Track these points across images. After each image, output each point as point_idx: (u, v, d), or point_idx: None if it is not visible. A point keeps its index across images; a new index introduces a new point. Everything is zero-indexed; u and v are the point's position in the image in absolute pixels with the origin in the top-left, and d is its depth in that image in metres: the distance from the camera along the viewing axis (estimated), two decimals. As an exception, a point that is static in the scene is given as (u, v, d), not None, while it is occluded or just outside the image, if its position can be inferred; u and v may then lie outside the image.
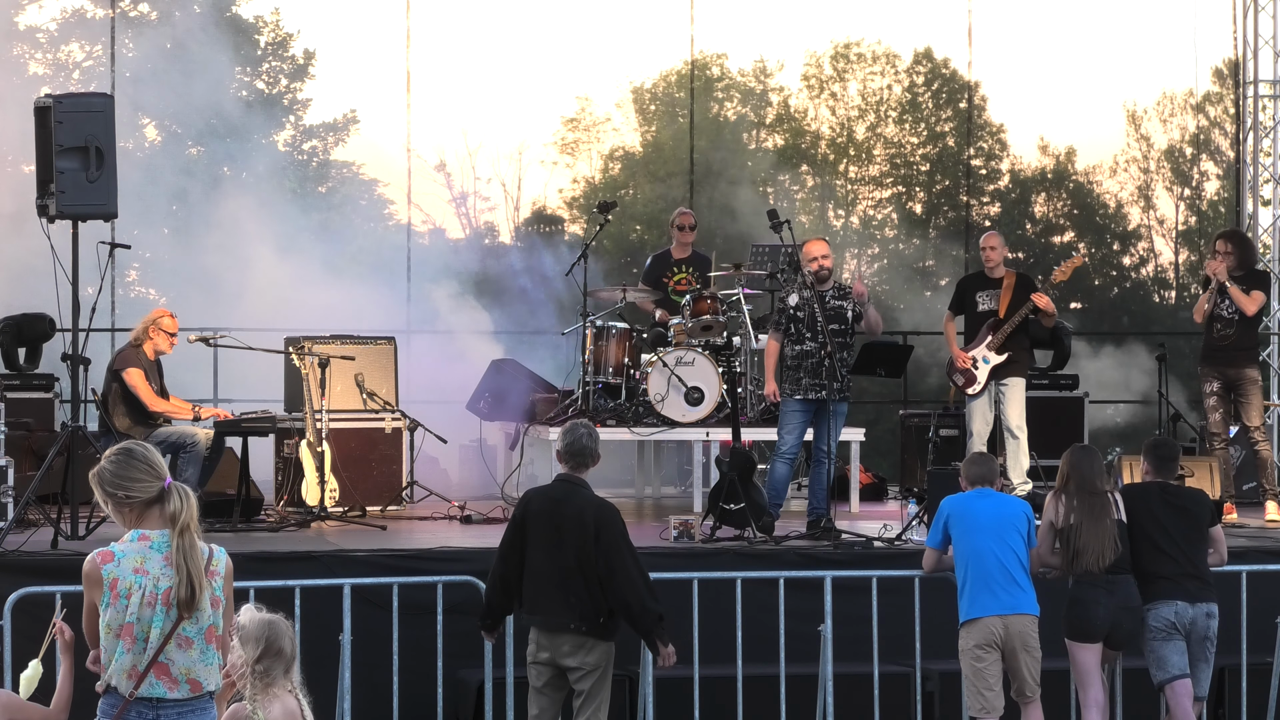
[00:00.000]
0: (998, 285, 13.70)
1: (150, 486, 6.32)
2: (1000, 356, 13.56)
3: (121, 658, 6.27)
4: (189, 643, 6.31)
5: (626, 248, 32.40)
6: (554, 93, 32.53)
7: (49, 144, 11.48)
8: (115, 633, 6.27)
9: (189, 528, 6.31)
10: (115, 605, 6.27)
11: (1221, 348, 13.90)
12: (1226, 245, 13.97)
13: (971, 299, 13.79)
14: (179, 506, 6.32)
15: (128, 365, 12.91)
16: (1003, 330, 13.52)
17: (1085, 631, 10.07)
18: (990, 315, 13.62)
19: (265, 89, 30.48)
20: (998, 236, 13.98)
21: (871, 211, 35.97)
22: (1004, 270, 13.77)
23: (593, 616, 9.11)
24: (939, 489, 11.63)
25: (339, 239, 22.02)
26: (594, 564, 9.08)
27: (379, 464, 14.42)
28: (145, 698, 6.28)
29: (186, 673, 6.32)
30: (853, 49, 36.26)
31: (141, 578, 6.27)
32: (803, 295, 12.71)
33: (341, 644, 10.04)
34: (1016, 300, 13.57)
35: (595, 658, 9.16)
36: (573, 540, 9.11)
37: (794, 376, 12.72)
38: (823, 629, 10.58)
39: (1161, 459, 10.40)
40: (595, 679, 9.17)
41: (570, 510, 9.18)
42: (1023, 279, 13.74)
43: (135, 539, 6.32)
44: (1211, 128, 36.80)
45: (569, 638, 9.14)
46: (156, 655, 6.27)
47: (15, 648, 9.65)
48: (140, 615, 6.27)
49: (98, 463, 6.47)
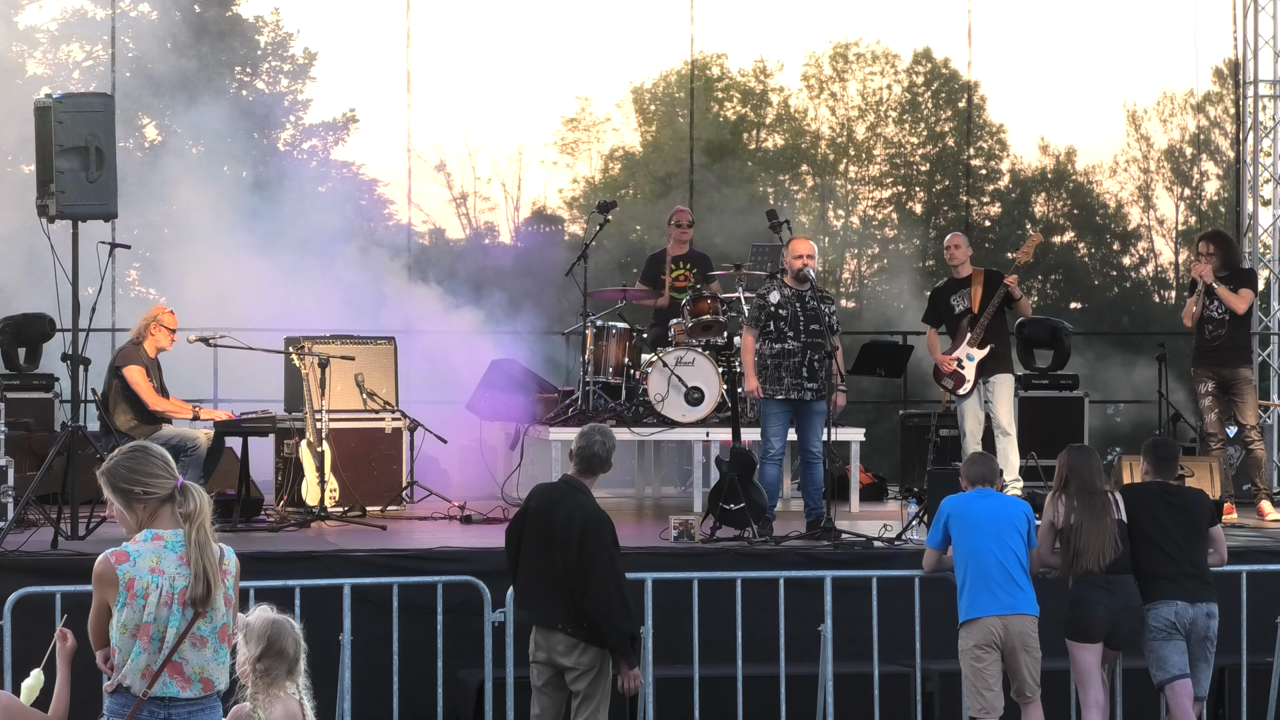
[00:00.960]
0: (967, 284, 13.74)
1: (166, 484, 6.33)
2: (983, 350, 13.58)
3: (137, 658, 6.26)
4: (203, 642, 6.31)
5: (626, 248, 32.40)
6: (554, 93, 32.58)
7: (49, 144, 11.48)
8: (131, 633, 6.26)
9: (204, 526, 6.32)
10: (132, 605, 6.26)
11: (1214, 349, 13.92)
12: (1209, 246, 14.06)
13: (946, 305, 13.82)
14: (195, 506, 6.32)
15: (129, 362, 12.91)
16: (980, 324, 13.55)
17: (1085, 631, 10.07)
18: (966, 314, 13.66)
19: (265, 89, 30.48)
20: (961, 236, 14.05)
21: (871, 211, 35.99)
22: (970, 268, 13.81)
23: (579, 620, 9.09)
24: (939, 489, 11.63)
25: (339, 239, 21.97)
26: (578, 572, 9.05)
27: (379, 464, 14.41)
28: (158, 697, 6.28)
29: (200, 671, 6.32)
30: (852, 49, 36.28)
31: (158, 577, 6.27)
32: (784, 292, 12.67)
33: (341, 644, 10.03)
34: (987, 294, 13.60)
35: (590, 658, 9.14)
36: (560, 545, 9.08)
37: (775, 376, 12.69)
38: (823, 629, 10.58)
39: (1161, 459, 10.40)
40: (591, 679, 9.15)
41: (561, 514, 9.14)
42: (990, 273, 13.77)
43: (149, 539, 6.31)
44: (1211, 128, 36.82)
45: (561, 637, 9.14)
46: (171, 654, 6.27)
47: (15, 648, 9.64)
48: (157, 615, 6.26)
49: (99, 462, 6.47)
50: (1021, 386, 16.35)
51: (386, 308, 18.50)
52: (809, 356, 12.57)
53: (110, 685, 6.32)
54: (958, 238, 13.99)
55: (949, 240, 13.98)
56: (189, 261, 18.75)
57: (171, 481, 6.33)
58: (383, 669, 10.37)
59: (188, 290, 17.84)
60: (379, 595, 10.48)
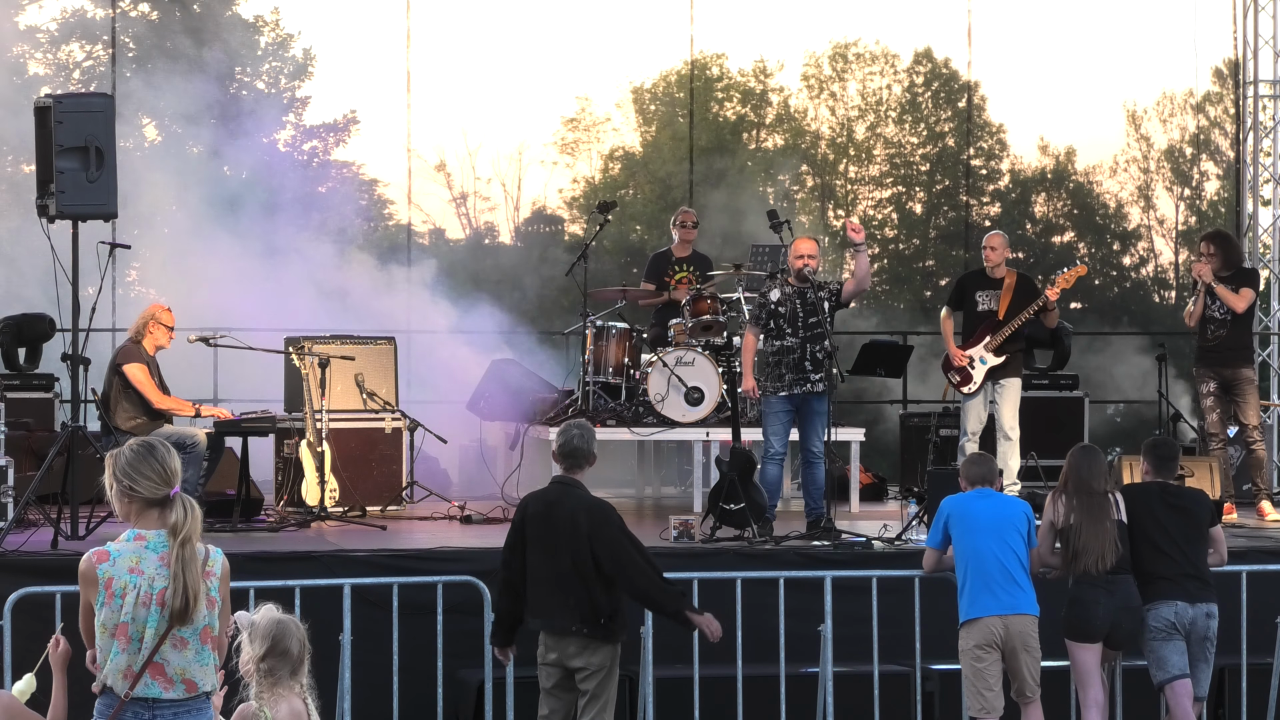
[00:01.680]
0: (998, 285, 13.63)
1: (155, 489, 6.31)
2: (998, 359, 13.52)
3: (117, 658, 6.27)
4: (184, 643, 6.30)
5: (626, 248, 32.41)
6: (554, 93, 32.58)
7: (49, 144, 11.49)
8: (110, 632, 6.27)
9: (190, 540, 6.29)
10: (110, 605, 6.26)
11: (1215, 349, 13.92)
12: (1209, 247, 14.07)
13: (971, 297, 13.72)
14: (181, 519, 6.29)
15: (130, 360, 12.90)
16: (1002, 332, 13.47)
17: (1085, 631, 10.07)
18: (989, 316, 13.56)
19: (265, 89, 30.48)
20: (1000, 237, 13.89)
21: (871, 211, 35.98)
22: (1005, 270, 13.71)
23: (593, 619, 9.11)
24: (939, 489, 11.62)
25: (339, 239, 22.02)
26: (590, 565, 9.06)
27: (379, 464, 14.41)
28: (141, 698, 6.28)
29: (182, 673, 6.31)
30: (852, 49, 36.28)
31: (136, 577, 6.26)
32: (784, 290, 12.66)
33: (341, 644, 10.03)
34: (1016, 302, 13.50)
35: (600, 658, 9.16)
36: (567, 543, 9.10)
37: (775, 373, 12.67)
38: (823, 629, 10.58)
39: (1161, 459, 10.40)
40: (600, 679, 9.17)
41: (562, 513, 9.16)
42: (1024, 280, 13.67)
43: (131, 539, 6.32)
44: (1211, 128, 36.82)
45: (574, 640, 9.14)
46: (151, 655, 6.26)
47: (15, 648, 9.64)
48: (135, 615, 6.26)
49: (99, 462, 6.47)
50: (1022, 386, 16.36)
51: (387, 308, 18.52)
52: (809, 350, 12.54)
53: (96, 685, 6.33)
54: (997, 238, 13.84)
55: (988, 240, 13.78)
56: (189, 261, 18.76)
57: (163, 489, 6.30)
58: (383, 669, 10.37)
59: (188, 290, 17.84)
60: (379, 595, 10.48)
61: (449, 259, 26.42)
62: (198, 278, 18.19)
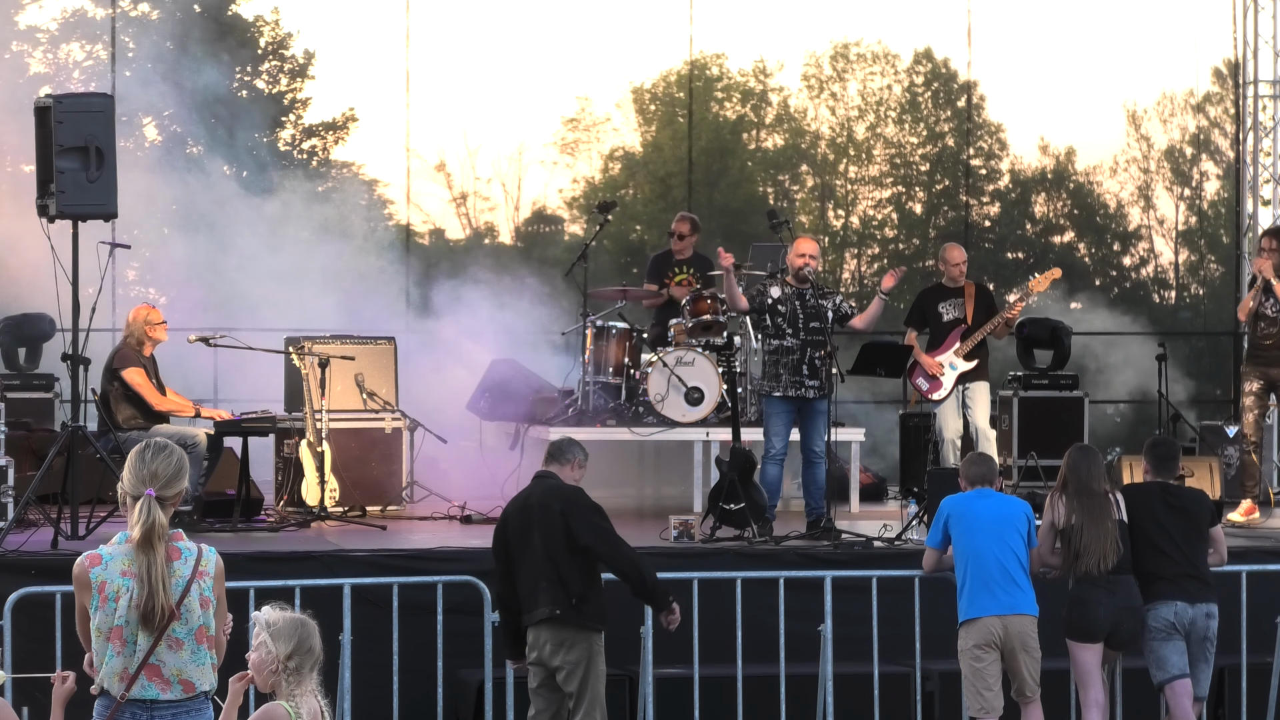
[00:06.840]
0: (960, 294, 13.89)
1: (135, 488, 6.27)
2: (969, 364, 13.72)
3: (112, 660, 6.26)
4: (179, 644, 6.30)
5: (626, 248, 32.36)
6: (554, 93, 32.49)
7: (49, 144, 11.49)
8: (105, 636, 6.26)
9: (150, 543, 6.22)
10: (104, 609, 6.25)
11: (1265, 347, 13.60)
12: (1272, 242, 13.58)
13: (934, 310, 13.93)
14: (140, 518, 6.22)
15: (127, 365, 12.90)
16: (972, 338, 13.71)
17: (1086, 631, 10.07)
18: (958, 323, 13.76)
19: (265, 89, 30.46)
20: (961, 251, 14.17)
21: (871, 211, 35.93)
22: (964, 280, 13.92)
23: (564, 599, 9.14)
24: (939, 489, 11.63)
25: (339, 239, 21.97)
26: (561, 542, 9.16)
27: (379, 464, 14.41)
28: (138, 699, 6.27)
29: (178, 674, 6.30)
30: (852, 49, 36.23)
31: (129, 580, 6.25)
32: (784, 289, 12.68)
33: (341, 644, 10.04)
34: (980, 309, 13.71)
35: (576, 654, 9.15)
36: (539, 526, 9.23)
37: (773, 373, 12.70)
38: (823, 629, 10.58)
39: (1161, 459, 10.40)
40: (580, 677, 9.15)
41: (536, 500, 9.34)
42: (982, 290, 13.98)
43: (122, 541, 6.31)
44: (1211, 128, 36.77)
45: (548, 630, 9.15)
46: (147, 657, 6.25)
47: (15, 648, 9.64)
48: (129, 618, 6.24)
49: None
50: (1021, 386, 16.41)
51: (386, 307, 18.50)
52: (809, 354, 12.58)
53: (94, 688, 6.32)
54: (959, 251, 14.14)
55: (951, 254, 14.14)
56: (189, 261, 18.74)
57: (140, 489, 6.26)
58: (383, 669, 10.37)
59: (187, 290, 17.84)
60: (379, 595, 10.49)
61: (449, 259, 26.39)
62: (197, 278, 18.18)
